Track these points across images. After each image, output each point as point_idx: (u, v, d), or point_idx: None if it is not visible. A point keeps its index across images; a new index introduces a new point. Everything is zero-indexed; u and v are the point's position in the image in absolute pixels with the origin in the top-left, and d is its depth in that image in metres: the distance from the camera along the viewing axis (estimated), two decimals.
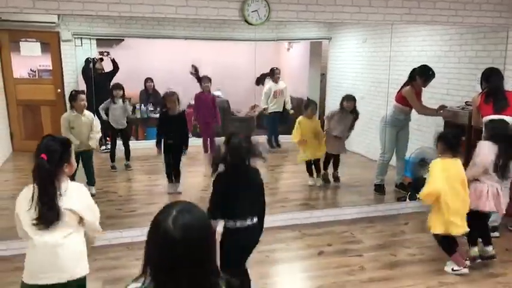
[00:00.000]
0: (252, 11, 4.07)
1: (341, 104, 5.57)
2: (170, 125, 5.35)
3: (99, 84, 6.87)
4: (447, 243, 3.67)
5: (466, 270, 3.61)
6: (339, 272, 3.68)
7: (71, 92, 5.24)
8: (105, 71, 7.26)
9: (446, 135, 3.72)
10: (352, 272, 3.67)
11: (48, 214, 2.28)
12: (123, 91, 6.39)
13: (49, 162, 2.26)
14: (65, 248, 2.37)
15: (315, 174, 5.79)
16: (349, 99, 5.54)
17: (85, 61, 7.22)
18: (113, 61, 7.22)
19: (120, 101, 6.31)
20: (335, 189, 5.80)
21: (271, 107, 7.50)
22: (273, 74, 7.47)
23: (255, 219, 2.86)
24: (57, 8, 3.63)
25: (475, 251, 3.72)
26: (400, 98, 5.21)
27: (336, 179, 5.82)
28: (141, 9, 3.81)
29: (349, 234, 4.42)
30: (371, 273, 3.64)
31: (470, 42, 5.33)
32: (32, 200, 2.29)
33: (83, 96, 5.02)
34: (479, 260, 3.72)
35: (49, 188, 2.28)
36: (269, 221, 4.54)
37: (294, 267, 3.85)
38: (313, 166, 5.79)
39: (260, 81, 7.35)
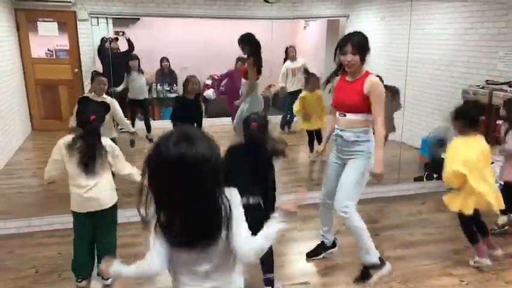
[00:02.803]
0: None
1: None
2: (186, 110, 5.14)
3: (115, 63, 6.90)
4: (471, 231, 3.46)
5: (487, 262, 3.43)
6: (354, 251, 3.67)
7: (92, 72, 5.27)
8: (121, 51, 7.28)
9: (464, 110, 3.43)
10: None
11: (92, 165, 2.95)
12: (139, 62, 6.49)
13: (96, 121, 2.97)
14: (102, 185, 3.03)
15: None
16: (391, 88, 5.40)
17: (101, 40, 7.23)
18: (128, 40, 7.23)
19: (136, 73, 6.43)
20: None
21: (290, 86, 7.25)
22: (288, 52, 7.28)
23: (257, 200, 2.82)
24: None
25: (503, 219, 3.83)
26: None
27: None
28: None
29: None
30: (387, 253, 3.64)
31: (493, 19, 5.19)
32: (79, 151, 2.90)
33: (103, 79, 4.79)
34: (507, 227, 3.83)
35: (97, 143, 2.97)
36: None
37: (311, 246, 3.86)
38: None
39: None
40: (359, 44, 2.95)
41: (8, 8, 6.54)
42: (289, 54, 7.29)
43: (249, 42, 5.19)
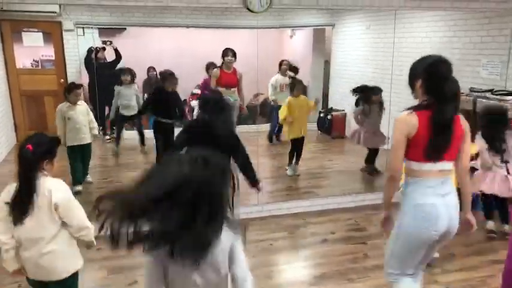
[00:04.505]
0: None
1: (367, 98, 5.49)
2: (165, 101, 5.20)
3: (102, 73, 6.87)
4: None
5: None
6: (342, 259, 3.69)
7: (69, 84, 5.25)
8: (108, 61, 7.25)
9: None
10: (355, 260, 3.68)
11: (24, 206, 2.27)
12: (132, 76, 6.42)
13: (33, 154, 2.26)
14: (46, 246, 2.34)
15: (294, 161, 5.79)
16: (378, 92, 5.51)
17: (87, 51, 7.20)
18: (116, 50, 7.21)
19: (128, 87, 6.36)
20: (339, 177, 5.80)
21: (279, 99, 7.05)
22: (280, 65, 7.26)
23: None
24: None
25: (490, 224, 3.98)
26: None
27: (376, 170, 5.72)
28: None
29: (353, 222, 4.42)
30: (375, 261, 3.64)
31: (475, 27, 5.26)
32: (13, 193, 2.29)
33: (79, 92, 4.99)
34: (494, 235, 3.94)
35: (29, 179, 2.26)
36: (273, 209, 4.61)
37: (298, 255, 3.86)
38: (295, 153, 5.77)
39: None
40: None
41: None
42: (282, 67, 7.23)
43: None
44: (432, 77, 2.31)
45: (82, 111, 5.01)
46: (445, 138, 2.32)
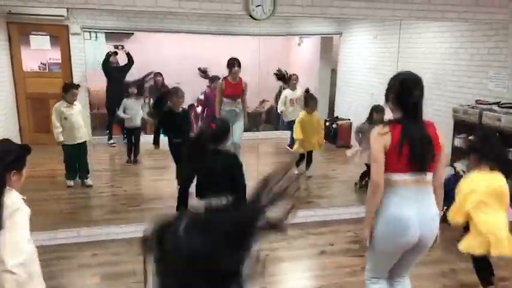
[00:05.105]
0: (257, 6, 4.00)
1: (370, 115, 5.29)
2: (175, 123, 5.11)
3: (114, 77, 6.91)
4: (485, 270, 3.19)
5: None
6: (339, 272, 3.62)
7: (65, 83, 5.33)
8: (120, 65, 7.31)
9: (474, 144, 3.24)
10: (353, 273, 3.60)
11: None
12: (138, 90, 6.58)
13: None
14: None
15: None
16: (379, 110, 5.16)
17: (106, 55, 7.32)
18: (128, 54, 7.25)
19: (134, 100, 6.47)
20: (342, 187, 5.74)
21: (289, 114, 7.04)
22: (289, 80, 7.11)
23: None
24: (60, 1, 3.61)
25: None
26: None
27: None
28: (144, 2, 3.77)
29: (352, 234, 4.35)
30: None
31: (482, 38, 5.19)
32: None
33: (76, 91, 5.13)
34: None
35: None
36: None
37: (295, 266, 3.80)
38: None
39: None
40: None
41: (1, 21, 6.53)
42: (291, 82, 7.09)
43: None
44: (401, 91, 2.45)
45: (78, 111, 5.14)
46: (428, 149, 2.38)
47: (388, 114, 4.78)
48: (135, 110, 6.43)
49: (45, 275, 3.12)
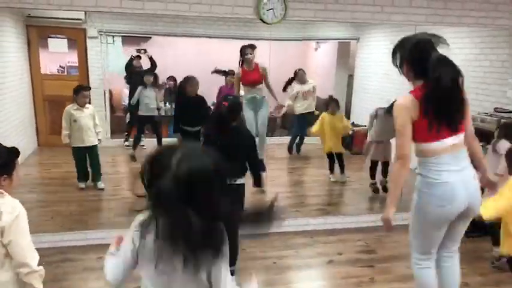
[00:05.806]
0: (268, 10, 3.96)
1: (390, 107, 5.20)
2: (189, 110, 5.10)
3: (137, 81, 6.97)
4: None
5: None
6: (347, 282, 3.52)
7: (77, 85, 5.35)
8: (143, 69, 7.38)
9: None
10: (361, 284, 3.50)
11: None
12: (155, 78, 6.65)
13: None
14: None
15: (339, 170, 5.89)
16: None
17: (129, 59, 7.51)
18: (151, 59, 7.32)
19: (150, 88, 6.54)
20: (353, 195, 5.62)
21: (298, 108, 7.14)
22: (297, 75, 7.11)
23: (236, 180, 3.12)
24: (70, 4, 3.62)
25: (497, 250, 3.53)
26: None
27: (384, 188, 5.33)
28: (154, 6, 3.76)
29: (362, 243, 4.24)
30: (381, 285, 3.47)
31: (503, 45, 5.04)
32: None
33: (87, 93, 5.22)
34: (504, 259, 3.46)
35: None
36: (281, 225, 4.47)
37: (301, 275, 3.71)
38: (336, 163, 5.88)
39: (286, 87, 7.06)
40: None
41: (20, 24, 6.63)
42: (299, 76, 7.09)
43: None
44: (418, 58, 2.36)
45: (89, 115, 5.16)
46: (457, 108, 2.30)
47: None
48: (151, 98, 6.51)
49: (49, 277, 3.13)
